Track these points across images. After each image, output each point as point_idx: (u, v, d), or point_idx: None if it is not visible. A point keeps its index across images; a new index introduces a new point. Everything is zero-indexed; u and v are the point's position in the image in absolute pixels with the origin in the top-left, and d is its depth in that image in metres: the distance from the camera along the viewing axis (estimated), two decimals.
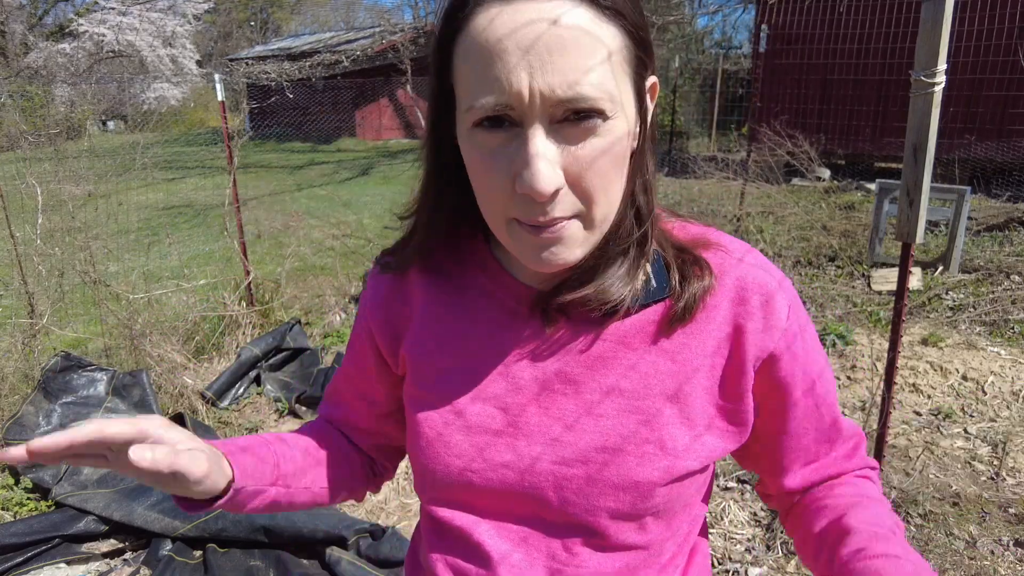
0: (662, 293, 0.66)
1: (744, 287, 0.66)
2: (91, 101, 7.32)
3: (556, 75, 0.53)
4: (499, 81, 0.54)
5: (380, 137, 19.01)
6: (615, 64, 0.56)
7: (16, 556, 2.38)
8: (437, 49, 0.60)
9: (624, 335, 0.67)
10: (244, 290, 4.57)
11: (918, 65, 2.03)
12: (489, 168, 0.57)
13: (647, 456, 0.65)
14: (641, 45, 0.59)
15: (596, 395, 0.67)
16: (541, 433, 0.67)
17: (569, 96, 0.53)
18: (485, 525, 0.69)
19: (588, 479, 0.65)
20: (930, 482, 2.76)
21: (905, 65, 7.47)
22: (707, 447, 0.67)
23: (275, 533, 2.37)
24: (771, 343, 0.66)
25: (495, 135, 0.56)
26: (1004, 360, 3.70)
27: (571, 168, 0.56)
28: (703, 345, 0.66)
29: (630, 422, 0.65)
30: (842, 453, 0.75)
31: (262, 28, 35.08)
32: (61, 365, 3.21)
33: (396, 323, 0.76)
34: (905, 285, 2.37)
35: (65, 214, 3.94)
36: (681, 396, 0.66)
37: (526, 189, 0.55)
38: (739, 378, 0.67)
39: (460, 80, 0.57)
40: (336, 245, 6.39)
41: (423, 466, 0.71)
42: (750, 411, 0.68)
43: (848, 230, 6.24)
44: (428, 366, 0.72)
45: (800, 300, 0.71)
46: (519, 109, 0.54)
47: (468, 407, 0.69)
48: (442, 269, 0.74)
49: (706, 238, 0.69)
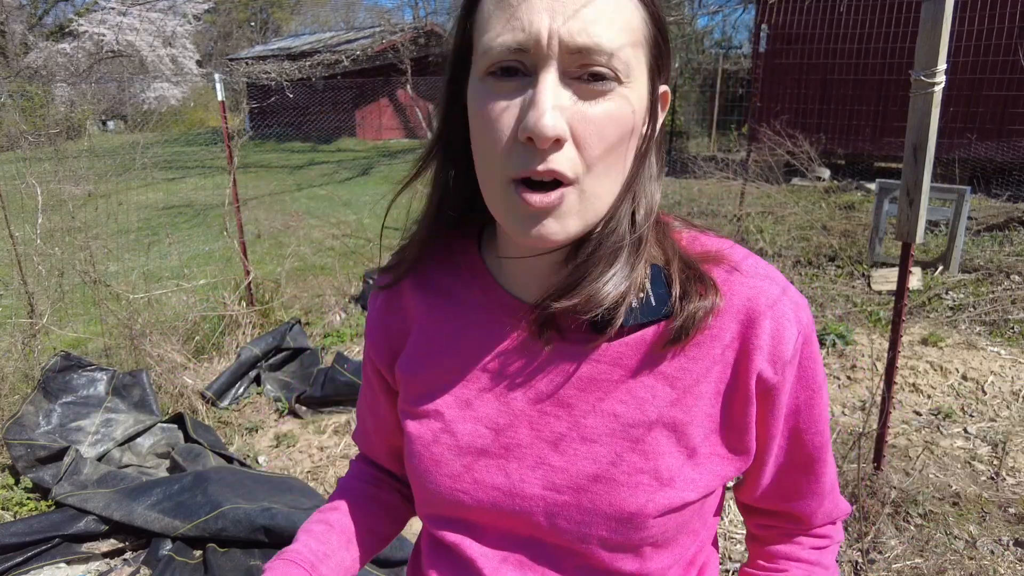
0: (660, 312, 0.62)
1: (754, 308, 0.62)
2: (91, 101, 7.31)
3: (577, 22, 0.53)
4: (520, 21, 0.54)
5: (380, 137, 19.01)
6: (636, 34, 0.56)
7: (16, 556, 2.38)
8: (464, 3, 0.60)
9: (619, 356, 0.63)
10: (244, 290, 4.57)
11: (918, 65, 2.03)
12: (496, 115, 0.56)
13: (641, 486, 0.61)
14: (661, 34, 0.60)
15: (589, 418, 0.63)
16: (532, 456, 0.65)
17: (587, 45, 0.53)
18: (477, 543, 0.68)
19: (579, 507, 0.63)
20: (930, 482, 2.76)
21: (905, 65, 7.47)
22: (706, 478, 0.63)
23: (275, 533, 2.36)
24: (773, 373, 0.62)
25: (508, 82, 0.56)
26: (1004, 360, 3.70)
27: (578, 126, 0.55)
28: (706, 370, 0.62)
29: (623, 449, 0.62)
30: (814, 507, 0.72)
31: (262, 28, 35.07)
32: (61, 365, 3.21)
33: (391, 340, 0.75)
34: (905, 285, 2.37)
35: (65, 214, 3.94)
36: (679, 424, 0.62)
37: (529, 131, 0.53)
38: (744, 407, 0.63)
39: (481, 27, 0.57)
40: (336, 245, 6.39)
41: (415, 482, 0.71)
42: (752, 440, 0.65)
43: (848, 230, 6.24)
44: (420, 382, 0.71)
45: (815, 333, 0.66)
46: (535, 53, 0.54)
47: (459, 426, 0.68)
48: (436, 283, 0.73)
49: (718, 253, 0.64)
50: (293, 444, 3.33)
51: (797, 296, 0.64)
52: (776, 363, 0.62)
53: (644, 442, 0.62)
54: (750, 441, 0.64)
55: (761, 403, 0.64)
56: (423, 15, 21.26)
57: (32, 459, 2.85)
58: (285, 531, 2.36)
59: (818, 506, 0.73)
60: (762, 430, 0.66)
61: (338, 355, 3.74)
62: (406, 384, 0.73)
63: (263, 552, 2.38)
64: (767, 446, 0.67)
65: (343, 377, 3.57)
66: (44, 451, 2.85)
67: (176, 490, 2.56)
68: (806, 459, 0.69)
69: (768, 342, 0.61)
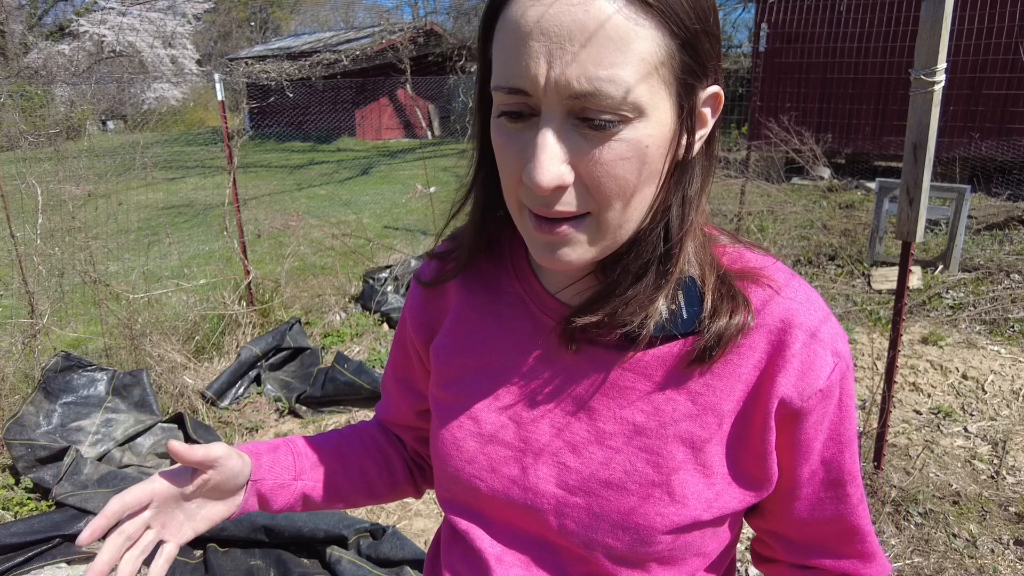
0: (690, 326, 0.60)
1: (787, 330, 0.60)
2: (91, 101, 7.31)
3: (576, 67, 0.50)
4: (519, 64, 0.53)
5: (380, 137, 19.01)
6: (648, 66, 0.52)
7: (16, 556, 2.38)
8: (481, 29, 0.59)
9: (646, 366, 0.62)
10: (244, 290, 4.57)
11: (918, 64, 2.03)
12: (506, 153, 0.57)
13: (651, 499, 0.61)
14: (692, 50, 0.54)
15: (609, 424, 0.63)
16: (549, 453, 0.65)
17: (587, 91, 0.51)
18: (487, 533, 0.69)
19: (588, 511, 0.63)
20: (930, 481, 2.76)
21: (905, 64, 7.47)
22: (723, 500, 0.62)
23: (275, 533, 2.37)
24: (799, 399, 0.59)
25: (515, 123, 0.56)
26: (1004, 359, 3.70)
27: (585, 168, 0.54)
28: (731, 388, 0.61)
29: (638, 460, 0.62)
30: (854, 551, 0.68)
31: (262, 28, 35.06)
32: (61, 365, 3.21)
33: (431, 321, 0.77)
34: (905, 284, 2.37)
35: (65, 214, 3.93)
36: (698, 441, 0.61)
37: (527, 180, 0.54)
38: (763, 432, 0.61)
39: (494, 59, 0.57)
40: (336, 245, 6.38)
41: (437, 464, 0.73)
42: (774, 467, 0.62)
43: (848, 229, 6.24)
44: (452, 368, 0.73)
45: (852, 367, 0.63)
46: (535, 96, 0.53)
47: (484, 415, 0.69)
48: (482, 271, 0.74)
49: (759, 271, 0.62)
50: None
51: (837, 326, 0.62)
52: (804, 390, 0.59)
53: (660, 455, 0.62)
54: (769, 468, 0.62)
55: (782, 429, 0.61)
56: (423, 14, 21.26)
57: (32, 459, 2.85)
58: (285, 531, 2.36)
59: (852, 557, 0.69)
60: (786, 459, 0.63)
61: (338, 355, 3.74)
62: (438, 368, 0.74)
63: (263, 552, 2.38)
64: (792, 476, 0.64)
65: (343, 377, 3.57)
66: (44, 451, 2.85)
67: None
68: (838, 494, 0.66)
69: (797, 367, 0.59)
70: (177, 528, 0.74)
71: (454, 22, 18.15)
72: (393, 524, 2.60)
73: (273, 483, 0.79)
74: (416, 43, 16.91)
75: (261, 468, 0.78)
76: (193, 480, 0.72)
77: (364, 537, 2.40)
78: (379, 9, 35.87)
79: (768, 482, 0.63)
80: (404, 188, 10.41)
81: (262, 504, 0.79)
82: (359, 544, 2.38)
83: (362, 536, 2.40)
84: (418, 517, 2.74)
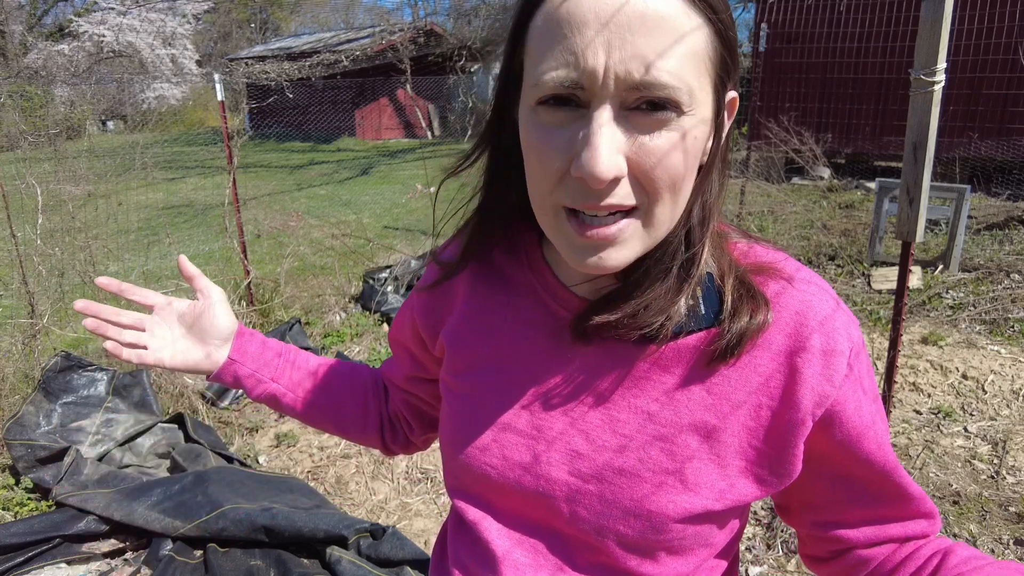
0: (708, 322, 0.61)
1: (803, 323, 0.60)
2: (91, 101, 7.32)
3: (635, 57, 0.50)
4: (574, 55, 0.51)
5: (380, 137, 19.01)
6: (698, 59, 0.53)
7: (16, 556, 2.38)
8: (514, 22, 0.57)
9: (662, 358, 0.63)
10: (244, 290, 4.57)
11: (918, 64, 2.03)
12: (546, 146, 0.54)
13: (664, 487, 0.61)
14: (728, 49, 0.56)
15: (624, 414, 0.64)
16: (562, 442, 0.65)
17: (646, 81, 0.50)
18: (495, 522, 0.69)
19: (601, 498, 0.63)
20: (930, 481, 2.76)
21: (905, 64, 7.47)
22: (736, 490, 0.62)
23: (275, 533, 2.37)
24: (832, 391, 0.60)
25: (558, 113, 0.53)
26: (1004, 359, 3.70)
27: (638, 159, 0.53)
28: (747, 380, 0.61)
29: (653, 448, 0.62)
30: (914, 511, 0.68)
31: (262, 28, 35.05)
32: (61, 365, 3.21)
33: (438, 309, 0.77)
34: (905, 284, 2.37)
35: (65, 214, 3.94)
36: (712, 430, 0.61)
37: (583, 172, 0.51)
38: (792, 427, 0.60)
39: (532, 54, 0.55)
40: (336, 245, 6.38)
41: (447, 452, 0.73)
42: (797, 461, 0.62)
43: (848, 229, 6.23)
44: (464, 356, 0.73)
45: (866, 350, 0.64)
46: (590, 89, 0.51)
47: (497, 404, 0.69)
48: (496, 262, 0.73)
49: (771, 265, 0.64)
50: (293, 444, 3.33)
51: (848, 312, 0.63)
52: (830, 378, 0.60)
53: (674, 443, 0.62)
54: (790, 462, 0.62)
55: (822, 426, 0.61)
56: (422, 15, 21.27)
57: (32, 459, 2.85)
58: (285, 531, 2.36)
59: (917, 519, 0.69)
60: (820, 447, 0.63)
61: (338, 355, 3.74)
62: (451, 356, 0.74)
63: (263, 552, 2.38)
64: (831, 461, 0.64)
65: None
66: (44, 451, 2.85)
67: (176, 490, 2.56)
68: (881, 474, 0.66)
69: (819, 357, 0.60)
70: (159, 343, 0.86)
71: (454, 22, 18.14)
72: (393, 524, 2.60)
73: (250, 372, 0.87)
74: (416, 43, 16.92)
75: (246, 355, 0.87)
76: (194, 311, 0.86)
77: (364, 537, 2.40)
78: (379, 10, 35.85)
79: (787, 476, 0.63)
80: (404, 188, 10.41)
81: (235, 384, 0.88)
82: (359, 544, 2.37)
83: (362, 536, 2.40)
84: (418, 517, 2.74)
